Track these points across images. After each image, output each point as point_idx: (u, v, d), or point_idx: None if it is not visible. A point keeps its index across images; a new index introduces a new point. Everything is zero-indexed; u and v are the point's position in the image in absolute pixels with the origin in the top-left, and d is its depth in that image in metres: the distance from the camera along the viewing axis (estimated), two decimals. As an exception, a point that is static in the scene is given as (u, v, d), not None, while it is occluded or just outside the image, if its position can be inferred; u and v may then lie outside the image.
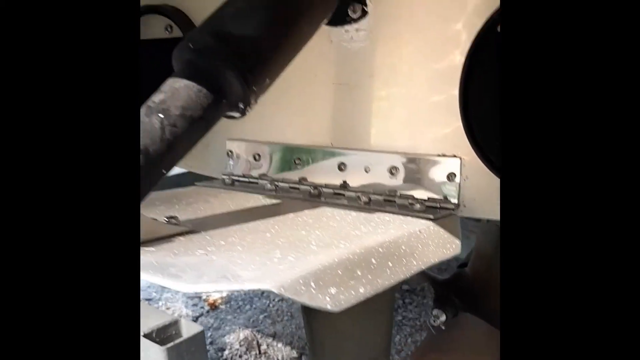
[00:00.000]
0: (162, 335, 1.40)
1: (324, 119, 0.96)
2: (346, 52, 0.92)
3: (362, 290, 0.60)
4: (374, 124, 0.91)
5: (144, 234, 0.66)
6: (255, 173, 1.05)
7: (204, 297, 2.52)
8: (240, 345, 2.14)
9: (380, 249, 0.65)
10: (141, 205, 0.68)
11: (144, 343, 1.35)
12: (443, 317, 1.30)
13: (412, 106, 0.86)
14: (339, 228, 0.73)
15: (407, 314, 2.32)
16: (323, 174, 0.96)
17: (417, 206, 0.80)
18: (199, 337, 1.49)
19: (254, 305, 2.45)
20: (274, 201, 0.89)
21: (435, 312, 1.30)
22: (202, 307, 2.44)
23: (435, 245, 0.74)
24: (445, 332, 1.32)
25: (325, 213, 0.81)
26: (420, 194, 0.84)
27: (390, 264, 0.65)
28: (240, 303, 2.47)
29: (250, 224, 0.75)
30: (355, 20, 0.89)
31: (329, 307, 0.56)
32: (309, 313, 0.99)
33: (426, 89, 0.84)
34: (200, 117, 0.69)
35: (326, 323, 0.99)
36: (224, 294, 2.55)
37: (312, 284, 0.56)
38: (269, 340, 2.20)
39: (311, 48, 0.80)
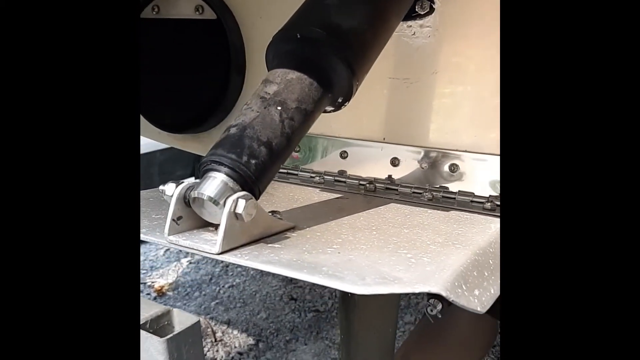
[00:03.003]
0: (155, 326, 1.35)
1: (377, 113, 0.96)
2: (407, 47, 0.91)
3: (493, 291, 0.61)
4: (434, 121, 0.91)
5: (262, 229, 0.63)
6: (292, 164, 1.02)
7: (148, 283, 2.42)
8: (196, 333, 2.08)
9: (490, 249, 0.67)
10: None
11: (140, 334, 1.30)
12: (439, 306, 1.33)
13: (477, 105, 0.88)
14: (434, 226, 0.73)
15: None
16: (373, 168, 0.95)
17: (488, 205, 0.82)
18: (196, 328, 1.45)
19: (203, 292, 2.38)
20: (336, 195, 0.88)
21: (431, 300, 1.34)
22: (149, 294, 2.34)
23: None
24: (437, 321, 1.36)
25: (402, 210, 0.81)
26: (480, 191, 0.86)
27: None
28: (189, 290, 2.40)
29: (344, 220, 0.73)
30: (421, 16, 0.89)
31: (479, 309, 0.57)
32: (347, 307, 0.99)
33: (493, 90, 0.86)
34: (312, 110, 0.67)
35: (361, 316, 1.01)
36: (171, 280, 2.46)
37: (463, 286, 0.56)
38: (224, 327, 2.16)
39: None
